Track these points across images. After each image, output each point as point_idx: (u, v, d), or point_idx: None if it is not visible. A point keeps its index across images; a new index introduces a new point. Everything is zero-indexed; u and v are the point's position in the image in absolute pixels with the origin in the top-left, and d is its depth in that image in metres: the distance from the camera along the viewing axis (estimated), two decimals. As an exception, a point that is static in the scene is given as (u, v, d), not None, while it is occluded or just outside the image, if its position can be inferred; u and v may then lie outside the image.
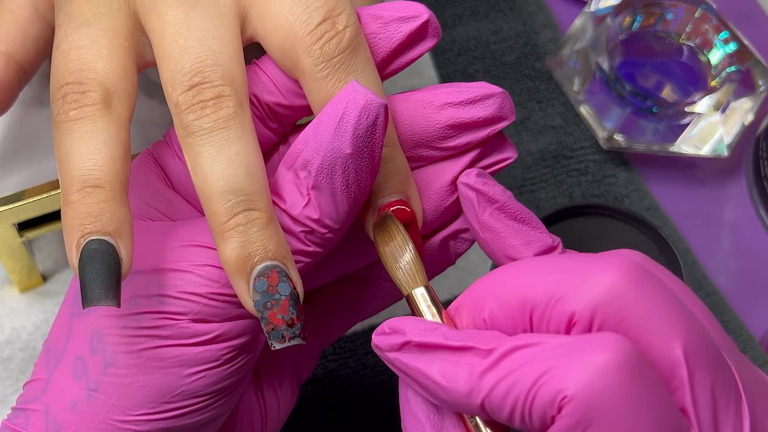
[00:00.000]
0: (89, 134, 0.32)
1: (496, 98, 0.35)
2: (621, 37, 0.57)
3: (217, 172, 0.32)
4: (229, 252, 0.32)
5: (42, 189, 0.43)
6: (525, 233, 0.34)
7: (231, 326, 0.34)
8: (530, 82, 0.60)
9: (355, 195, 0.33)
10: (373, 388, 0.50)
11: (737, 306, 0.53)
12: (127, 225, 0.32)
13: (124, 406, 0.34)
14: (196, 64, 0.32)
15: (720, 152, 0.56)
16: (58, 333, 0.35)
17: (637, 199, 0.56)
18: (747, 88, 0.56)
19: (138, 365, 0.33)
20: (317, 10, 0.33)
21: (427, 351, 0.31)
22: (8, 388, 0.49)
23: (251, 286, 0.32)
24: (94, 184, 0.32)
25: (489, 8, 0.63)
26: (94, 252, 0.31)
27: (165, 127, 0.44)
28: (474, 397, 0.29)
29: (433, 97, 0.35)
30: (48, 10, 0.38)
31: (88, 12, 0.34)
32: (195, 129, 0.32)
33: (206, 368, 0.34)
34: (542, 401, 0.28)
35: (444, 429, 0.32)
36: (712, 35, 0.57)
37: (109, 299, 0.31)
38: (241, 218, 0.32)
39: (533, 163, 0.57)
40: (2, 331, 0.50)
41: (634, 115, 0.56)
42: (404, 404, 0.33)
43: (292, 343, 0.32)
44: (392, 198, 0.35)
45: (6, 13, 0.38)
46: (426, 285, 0.33)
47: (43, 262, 0.52)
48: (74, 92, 0.33)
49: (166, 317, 0.33)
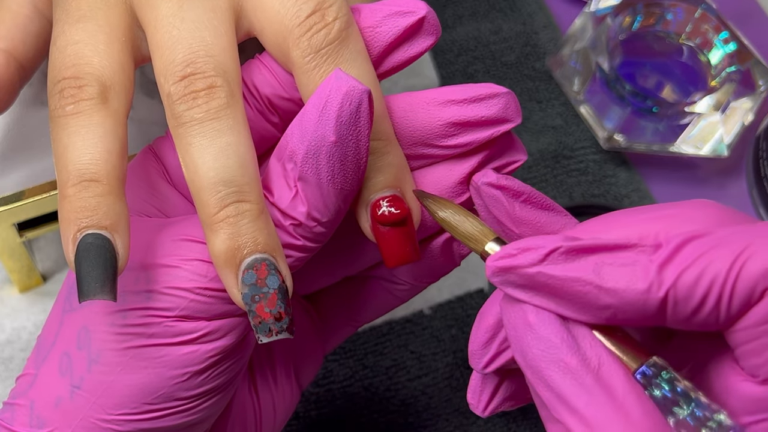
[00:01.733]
0: (86, 128, 0.32)
1: (500, 98, 0.34)
2: (621, 37, 0.57)
3: (207, 163, 0.32)
4: (219, 244, 0.32)
5: (42, 189, 0.43)
6: (558, 219, 0.34)
7: (218, 325, 0.33)
8: (530, 82, 0.60)
9: (342, 185, 0.32)
10: (373, 388, 0.50)
11: (737, 306, 0.53)
12: (123, 219, 0.32)
13: (105, 405, 0.33)
14: (189, 55, 0.33)
15: (720, 152, 0.56)
16: (49, 328, 0.35)
17: (637, 199, 0.56)
18: (747, 88, 0.56)
19: (122, 363, 0.33)
20: (307, 3, 0.33)
21: (580, 256, 0.29)
22: (8, 388, 0.49)
23: (240, 278, 0.32)
24: (90, 178, 0.32)
25: (489, 8, 0.63)
26: (90, 246, 0.31)
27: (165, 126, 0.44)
28: (654, 291, 0.28)
29: (436, 94, 0.35)
30: (47, 8, 0.38)
31: (85, 7, 0.34)
32: (186, 119, 0.32)
33: (190, 371, 0.33)
34: (750, 275, 0.27)
35: (581, 348, 0.29)
36: (712, 35, 0.57)
37: (105, 293, 0.31)
38: (232, 210, 0.31)
39: (533, 163, 0.57)
40: (2, 331, 0.50)
41: (634, 115, 0.56)
42: (526, 332, 0.29)
43: (279, 337, 0.32)
44: (385, 193, 0.34)
45: (5, 11, 0.38)
46: (497, 236, 0.32)
47: (43, 262, 0.52)
48: (71, 87, 0.33)
49: (152, 314, 0.33)
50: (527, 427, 0.50)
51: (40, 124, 0.44)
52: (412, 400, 0.50)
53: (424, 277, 0.38)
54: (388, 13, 0.34)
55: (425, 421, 0.49)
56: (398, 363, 0.51)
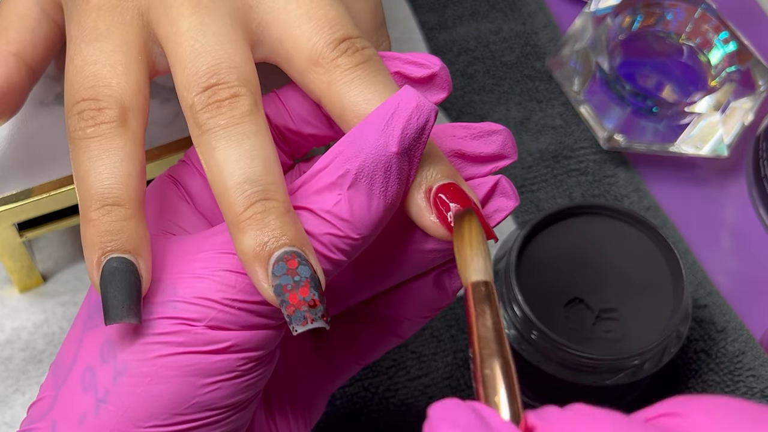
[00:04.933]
0: (107, 152, 0.33)
1: (499, 135, 0.35)
2: (621, 37, 0.57)
3: (232, 164, 0.32)
4: (247, 241, 0.31)
5: (42, 189, 0.43)
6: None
7: (248, 336, 0.33)
8: (530, 82, 0.60)
9: (392, 201, 0.32)
10: (373, 388, 0.50)
11: (737, 306, 0.53)
12: (145, 242, 0.32)
13: (133, 417, 0.32)
14: (213, 66, 0.33)
15: (720, 152, 0.56)
16: (67, 350, 0.34)
17: (637, 199, 0.56)
18: (747, 88, 0.56)
19: (150, 374, 0.32)
20: (339, 30, 0.34)
21: None
22: (8, 388, 0.49)
23: (269, 271, 0.31)
24: (113, 202, 0.32)
25: (489, 8, 0.63)
26: (115, 270, 0.32)
27: (165, 126, 0.44)
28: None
29: (436, 130, 0.35)
30: (54, 10, 0.38)
31: (102, 26, 0.34)
32: (210, 126, 0.32)
33: (222, 379, 0.33)
34: None
35: None
36: (712, 35, 0.57)
37: (131, 316, 0.31)
38: (259, 207, 0.31)
39: (533, 163, 0.57)
40: (2, 331, 0.50)
41: (634, 115, 0.56)
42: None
43: (314, 325, 0.31)
44: (444, 181, 0.33)
45: (13, 14, 0.38)
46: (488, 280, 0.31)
47: (43, 262, 0.52)
48: (90, 109, 0.33)
49: (180, 323, 0.32)
50: (527, 427, 0.50)
51: (41, 125, 0.44)
52: (412, 400, 0.50)
53: (421, 312, 0.39)
54: (405, 61, 0.35)
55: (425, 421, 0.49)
56: (398, 363, 0.51)
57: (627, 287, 0.47)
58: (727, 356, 0.51)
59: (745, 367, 0.51)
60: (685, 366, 0.51)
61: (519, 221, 0.55)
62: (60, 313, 0.51)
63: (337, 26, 0.34)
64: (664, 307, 0.47)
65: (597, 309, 0.47)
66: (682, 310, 0.46)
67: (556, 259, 0.48)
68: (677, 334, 0.47)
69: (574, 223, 0.49)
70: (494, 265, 0.49)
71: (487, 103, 0.59)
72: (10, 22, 0.38)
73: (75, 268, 0.52)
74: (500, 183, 0.35)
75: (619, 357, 0.45)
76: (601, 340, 0.46)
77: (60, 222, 0.47)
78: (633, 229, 0.49)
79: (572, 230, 0.49)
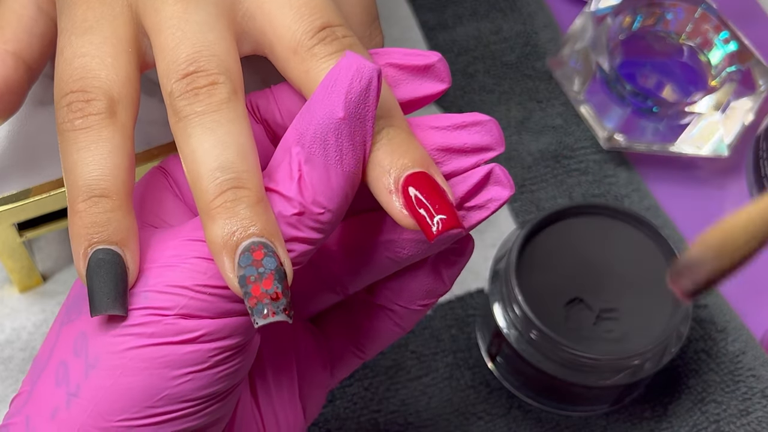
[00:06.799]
0: (95, 144, 0.32)
1: (483, 126, 0.34)
2: (621, 37, 0.57)
3: (206, 151, 0.32)
4: (216, 230, 0.31)
5: (42, 189, 0.43)
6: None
7: (221, 324, 0.32)
8: (530, 82, 0.60)
9: (349, 167, 0.32)
10: (373, 388, 0.50)
11: (737, 306, 0.53)
12: (132, 234, 0.32)
13: (104, 411, 0.32)
14: (192, 54, 0.33)
15: (720, 152, 0.56)
16: (45, 345, 0.34)
17: (637, 199, 0.56)
18: (747, 88, 0.56)
19: (120, 366, 0.32)
20: (318, 19, 0.34)
21: None
22: (8, 388, 0.49)
23: (235, 262, 0.31)
24: (100, 194, 0.32)
25: (489, 8, 0.63)
26: (101, 261, 0.32)
27: (165, 126, 0.44)
28: None
29: (420, 121, 0.35)
30: (50, 7, 0.38)
31: (92, 18, 0.34)
32: (186, 113, 0.32)
33: (194, 370, 0.32)
34: None
35: None
36: (712, 35, 0.57)
37: (117, 308, 0.31)
38: (230, 195, 0.31)
39: (533, 163, 0.57)
40: (2, 331, 0.50)
41: (635, 115, 0.56)
42: None
43: (276, 319, 0.31)
44: (415, 169, 0.32)
45: (10, 13, 0.38)
46: None
47: (43, 262, 0.52)
48: (79, 101, 0.33)
49: (151, 313, 0.32)
50: (527, 428, 0.50)
51: (41, 124, 0.44)
52: (412, 400, 0.50)
53: (416, 299, 0.38)
54: (402, 54, 0.35)
55: (425, 421, 0.49)
56: (398, 363, 0.51)
57: (627, 287, 0.47)
58: (727, 356, 0.51)
59: (745, 367, 0.51)
60: (685, 366, 0.51)
61: (519, 221, 0.55)
62: (60, 313, 0.51)
63: (317, 14, 0.34)
64: (664, 307, 0.47)
65: (597, 309, 0.47)
66: (682, 310, 0.46)
67: (556, 259, 0.48)
68: (677, 334, 0.47)
69: (574, 223, 0.49)
70: (494, 265, 0.49)
71: (487, 103, 0.59)
72: (6, 21, 0.38)
73: (75, 268, 0.52)
74: (494, 172, 0.34)
75: (619, 357, 0.45)
76: (601, 340, 0.46)
77: (60, 222, 0.47)
78: (633, 229, 0.49)
79: (572, 230, 0.49)
